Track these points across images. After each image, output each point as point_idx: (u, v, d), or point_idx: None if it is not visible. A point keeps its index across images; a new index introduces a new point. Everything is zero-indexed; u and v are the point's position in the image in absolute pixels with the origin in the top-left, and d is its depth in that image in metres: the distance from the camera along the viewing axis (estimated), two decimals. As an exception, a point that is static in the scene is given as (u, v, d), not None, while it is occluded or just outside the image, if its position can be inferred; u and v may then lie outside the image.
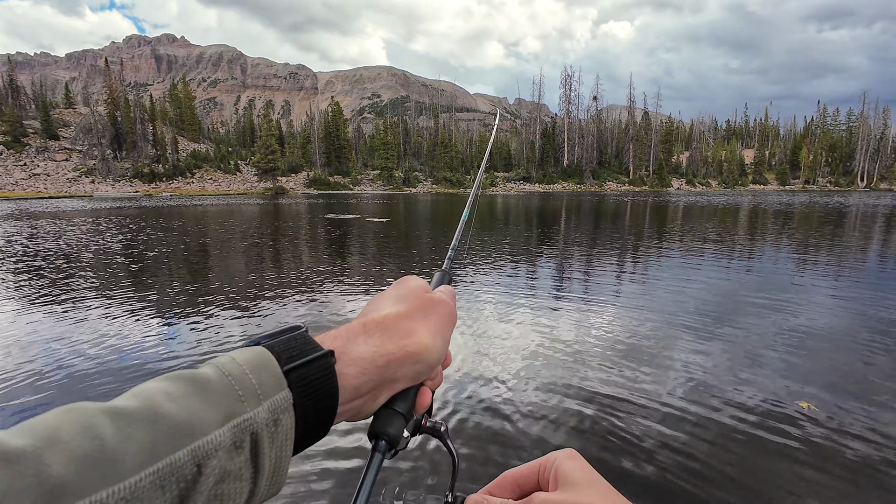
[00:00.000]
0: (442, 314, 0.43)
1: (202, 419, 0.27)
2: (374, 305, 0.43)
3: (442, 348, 0.42)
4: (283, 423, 0.30)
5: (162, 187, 65.30)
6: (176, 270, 8.05)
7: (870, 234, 13.37)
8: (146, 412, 0.25)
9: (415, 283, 0.46)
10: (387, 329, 0.38)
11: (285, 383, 0.31)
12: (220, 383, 0.29)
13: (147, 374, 3.57)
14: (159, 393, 0.27)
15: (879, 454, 2.48)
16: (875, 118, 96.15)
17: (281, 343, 0.34)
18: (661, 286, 6.50)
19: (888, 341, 4.22)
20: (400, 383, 0.39)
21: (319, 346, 0.35)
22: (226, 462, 0.27)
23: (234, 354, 0.32)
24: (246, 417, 0.28)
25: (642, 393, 3.20)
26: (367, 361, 0.36)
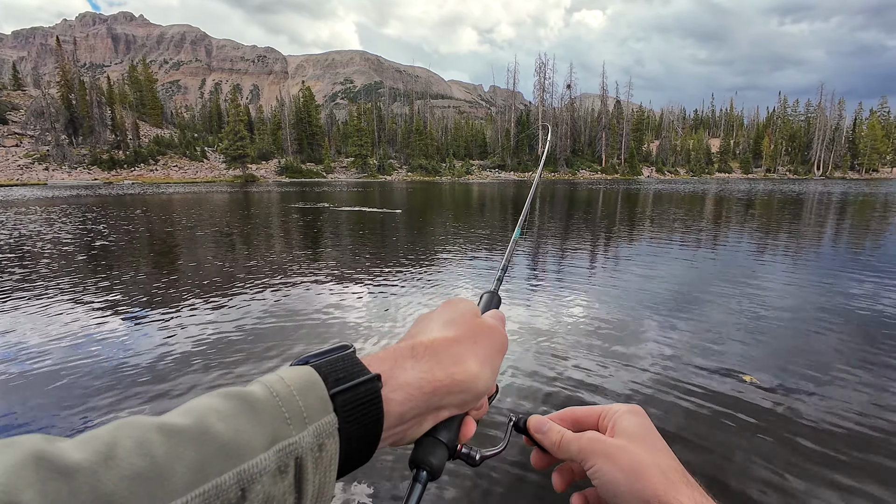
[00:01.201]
0: (493, 343, 0.42)
1: (249, 441, 0.27)
2: (422, 326, 0.42)
3: (490, 378, 0.41)
4: (327, 449, 0.30)
5: (123, 175, 62.31)
6: (139, 262, 7.76)
7: (822, 222, 14.13)
8: (197, 430, 0.26)
9: (465, 306, 0.45)
10: (436, 354, 0.38)
11: (331, 407, 0.31)
12: (267, 404, 0.29)
13: (107, 374, 3.46)
14: (210, 410, 0.27)
15: (811, 419, 2.70)
16: (831, 109, 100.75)
17: (328, 364, 0.34)
18: (630, 271, 6.71)
19: (833, 320, 4.50)
20: (445, 412, 0.39)
21: (366, 369, 0.34)
22: (270, 487, 0.27)
23: (283, 373, 0.32)
24: (291, 442, 0.29)
25: (610, 373, 3.32)
26: (413, 388, 0.36)
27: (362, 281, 6.08)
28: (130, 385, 3.21)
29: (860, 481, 2.22)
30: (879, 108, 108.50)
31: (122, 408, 2.91)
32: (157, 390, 3.14)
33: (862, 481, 2.22)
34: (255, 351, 3.78)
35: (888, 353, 3.71)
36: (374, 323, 4.42)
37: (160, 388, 3.17)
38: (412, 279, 6.19)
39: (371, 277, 6.28)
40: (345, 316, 4.65)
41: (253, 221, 13.83)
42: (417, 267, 6.94)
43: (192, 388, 3.15)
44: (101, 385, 3.21)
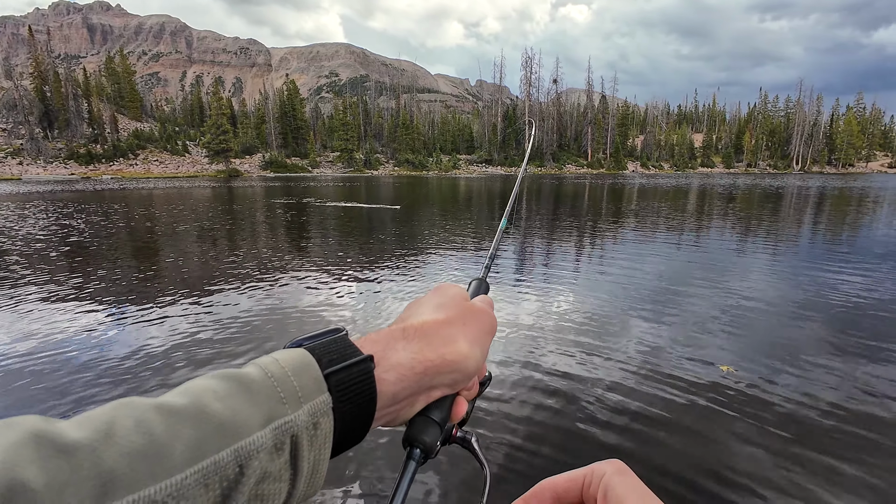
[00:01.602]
0: (482, 324, 0.43)
1: (246, 419, 0.27)
2: (413, 310, 0.43)
3: (480, 358, 0.41)
4: (322, 427, 0.31)
5: (101, 169, 60.65)
6: (117, 259, 7.60)
7: (801, 216, 14.48)
8: (194, 410, 0.26)
9: (454, 290, 0.46)
10: (426, 336, 0.39)
11: (325, 387, 0.32)
12: (263, 384, 0.30)
13: (80, 372, 3.40)
14: (207, 391, 0.28)
15: (784, 405, 2.80)
16: (809, 105, 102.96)
17: (322, 346, 0.34)
18: (615, 264, 6.80)
19: (809, 310, 4.64)
20: (437, 391, 0.40)
21: (359, 350, 0.35)
22: (266, 463, 0.27)
23: (277, 356, 0.32)
24: (287, 420, 0.29)
25: (596, 365, 3.38)
26: (405, 368, 0.36)
27: (366, 275, 6.05)
28: (108, 384, 3.16)
29: (832, 462, 2.31)
30: (855, 104, 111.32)
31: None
32: (140, 389, 3.09)
33: (834, 462, 2.31)
34: (242, 349, 3.74)
35: (860, 341, 3.84)
36: (382, 315, 4.41)
37: (143, 386, 3.13)
38: (414, 272, 6.18)
39: (376, 271, 6.25)
40: (352, 314, 4.62)
41: (242, 217, 13.62)
42: (419, 260, 6.93)
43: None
44: (75, 384, 3.15)
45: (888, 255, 7.57)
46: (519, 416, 2.71)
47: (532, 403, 2.85)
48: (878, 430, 2.59)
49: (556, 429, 2.60)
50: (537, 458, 2.36)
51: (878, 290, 5.41)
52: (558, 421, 2.67)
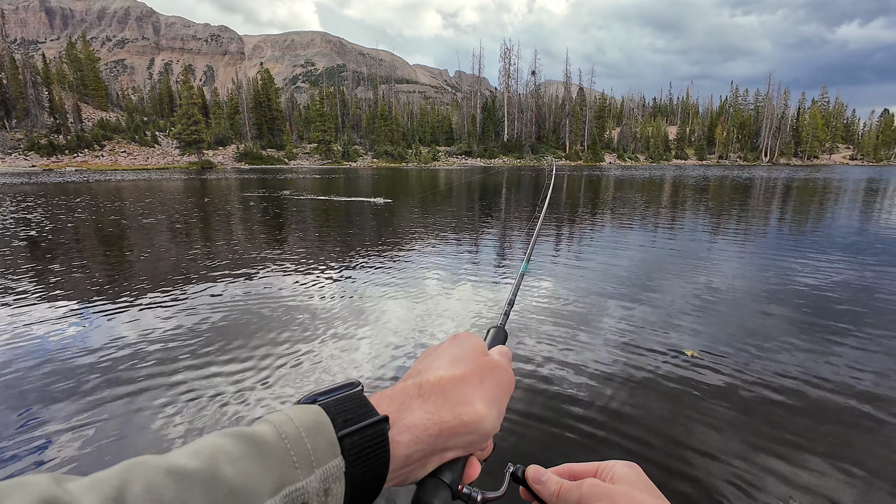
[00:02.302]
0: (500, 382, 0.42)
1: (256, 486, 0.27)
2: (428, 362, 0.42)
3: (497, 419, 0.41)
4: (333, 493, 0.30)
5: (65, 161, 57.99)
6: (80, 254, 7.30)
7: (768, 206, 15.00)
8: (205, 475, 0.26)
9: (472, 341, 0.45)
10: (443, 394, 0.38)
11: (339, 450, 0.31)
12: (276, 446, 0.29)
13: (45, 371, 3.26)
14: (219, 453, 0.27)
15: (741, 385, 2.92)
16: (778, 99, 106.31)
17: (336, 403, 0.34)
18: (592, 253, 6.91)
19: (772, 298, 4.82)
20: (450, 453, 0.39)
21: (374, 410, 0.34)
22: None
23: (291, 413, 0.32)
24: (298, 487, 0.29)
25: (573, 352, 3.43)
26: (420, 429, 0.35)
27: (374, 272, 5.96)
28: (76, 386, 3.04)
29: (788, 443, 2.41)
30: (820, 98, 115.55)
31: (67, 410, 2.75)
32: (109, 392, 2.98)
33: (788, 444, 2.41)
34: (228, 347, 3.65)
35: (820, 325, 4.01)
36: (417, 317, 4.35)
37: (112, 389, 3.02)
38: (422, 269, 6.13)
39: (381, 267, 6.17)
40: (370, 317, 4.55)
41: (224, 211, 13.24)
42: (428, 255, 6.87)
43: (145, 391, 3.02)
44: (36, 384, 3.02)
45: (847, 243, 7.92)
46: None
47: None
48: (829, 409, 2.71)
49: (533, 415, 2.63)
50: (514, 438, 2.39)
51: (837, 276, 5.66)
52: (536, 409, 2.70)
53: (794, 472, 2.19)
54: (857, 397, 2.86)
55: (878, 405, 2.77)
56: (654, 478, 2.33)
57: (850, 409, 2.73)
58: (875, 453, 2.34)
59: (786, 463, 2.25)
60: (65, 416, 2.65)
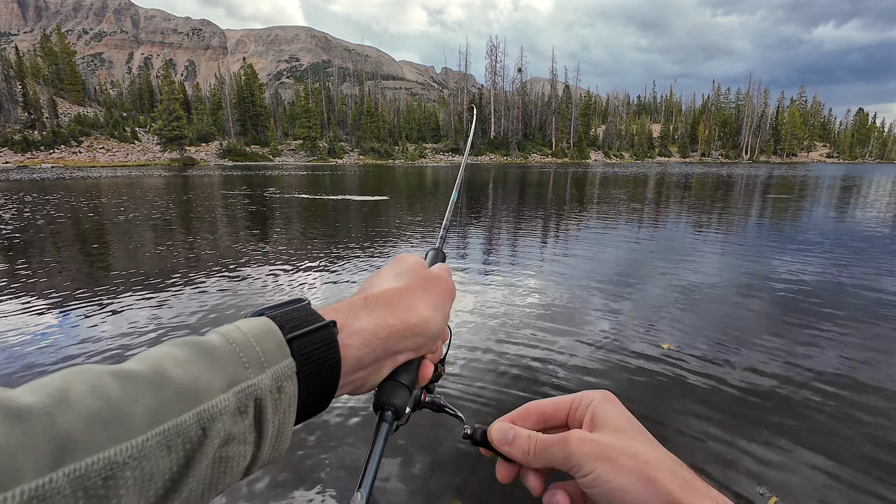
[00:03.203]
0: (441, 289, 0.44)
1: (207, 384, 0.27)
2: (373, 282, 0.43)
3: (442, 321, 0.42)
4: (286, 391, 0.31)
5: (41, 158, 56.31)
6: (54, 253, 7.13)
7: (749, 203, 15.34)
8: (153, 375, 0.26)
9: (412, 259, 0.47)
10: (388, 303, 0.39)
11: (288, 351, 0.32)
12: (224, 350, 0.30)
13: (24, 370, 3.19)
14: (166, 357, 0.27)
15: (715, 379, 3.01)
16: (758, 98, 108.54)
17: (284, 314, 0.34)
18: (576, 251, 6.99)
19: (749, 293, 4.96)
20: (402, 356, 0.40)
21: (321, 317, 0.35)
22: (230, 426, 0.27)
23: (239, 324, 0.32)
24: (250, 384, 0.29)
25: (559, 347, 3.48)
26: (369, 333, 0.36)
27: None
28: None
29: (760, 433, 2.49)
30: (798, 97, 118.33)
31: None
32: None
33: (760, 434, 2.49)
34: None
35: (795, 320, 4.13)
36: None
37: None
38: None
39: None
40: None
41: (212, 210, 13.00)
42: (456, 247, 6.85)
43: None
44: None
45: (822, 239, 8.16)
46: (481, 395, 2.77)
47: (490, 383, 2.91)
48: (799, 398, 2.81)
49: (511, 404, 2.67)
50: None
51: (814, 271, 5.83)
52: (516, 399, 2.75)
53: (764, 461, 2.26)
54: (829, 386, 2.96)
55: (850, 394, 2.87)
56: None
57: (822, 397, 2.83)
58: (845, 440, 2.43)
59: (756, 451, 2.33)
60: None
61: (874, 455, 2.30)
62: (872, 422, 2.58)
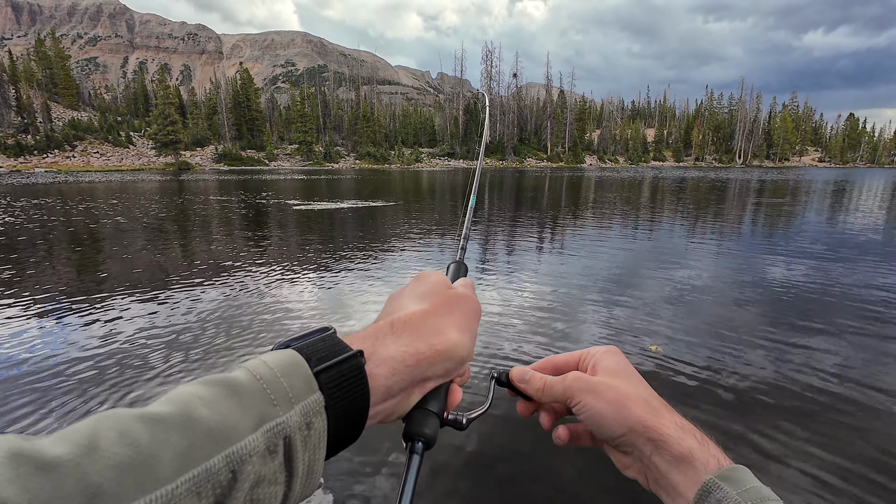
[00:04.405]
0: (467, 310, 0.43)
1: (236, 424, 0.27)
2: (396, 304, 0.43)
3: (470, 344, 0.42)
4: (315, 426, 0.30)
5: (34, 162, 55.97)
6: (49, 258, 7.07)
7: (743, 206, 15.47)
8: (181, 418, 0.25)
9: (435, 277, 0.46)
10: (415, 328, 0.38)
11: (316, 385, 0.31)
12: (252, 387, 0.29)
13: (26, 380, 3.16)
14: (193, 398, 0.27)
15: (696, 378, 3.03)
16: (750, 103, 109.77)
17: (310, 345, 0.34)
18: (574, 252, 7.02)
19: (738, 296, 4.99)
20: (431, 382, 0.39)
21: (348, 346, 0.34)
22: (260, 467, 0.27)
23: (266, 358, 0.32)
24: (279, 422, 0.29)
25: (556, 349, 3.49)
26: (397, 361, 0.36)
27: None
28: (53, 394, 2.95)
29: (743, 433, 2.50)
30: (790, 102, 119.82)
31: (48, 419, 2.68)
32: (94, 396, 2.91)
33: (744, 433, 2.50)
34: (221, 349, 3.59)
35: (785, 322, 4.17)
36: (325, 311, 4.31)
37: (91, 394, 2.94)
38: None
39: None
40: (293, 306, 4.49)
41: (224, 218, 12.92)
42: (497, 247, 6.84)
43: (125, 396, 2.95)
44: (21, 393, 2.93)
45: (816, 242, 8.24)
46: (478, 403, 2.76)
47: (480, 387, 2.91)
48: (783, 398, 2.83)
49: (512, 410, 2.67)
50: (530, 428, 2.42)
51: (807, 274, 5.88)
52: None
53: (751, 460, 2.28)
54: (821, 386, 2.98)
55: (842, 395, 2.90)
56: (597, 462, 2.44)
57: (813, 399, 2.85)
58: (836, 440, 2.45)
59: (741, 452, 2.34)
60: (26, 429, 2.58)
61: (865, 456, 2.32)
62: (866, 423, 2.60)
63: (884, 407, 2.76)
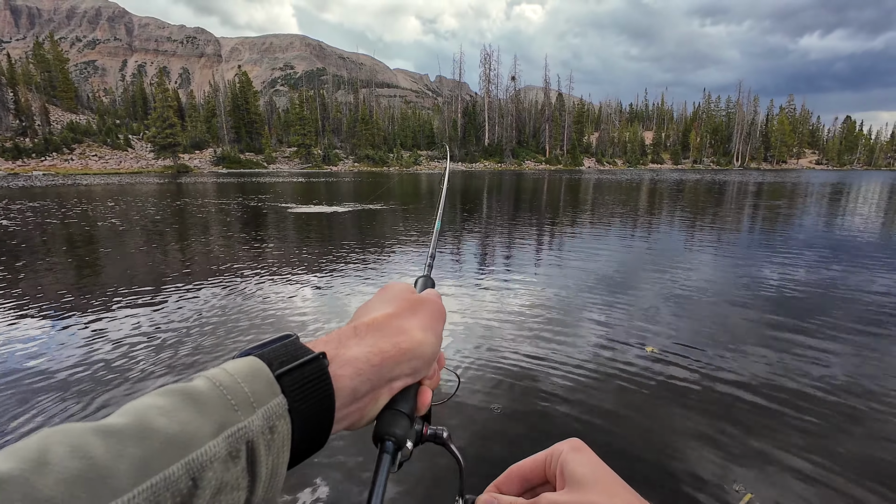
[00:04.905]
0: (431, 311, 0.43)
1: (195, 431, 0.26)
2: (362, 311, 0.42)
3: (435, 343, 0.42)
4: (279, 430, 0.30)
5: (32, 165, 55.85)
6: (47, 260, 7.05)
7: (740, 208, 15.51)
8: (136, 428, 0.24)
9: (400, 286, 0.46)
10: (378, 329, 0.38)
11: (279, 389, 0.31)
12: (211, 394, 0.28)
13: (22, 383, 3.14)
14: (150, 408, 0.26)
15: (695, 382, 3.02)
16: (748, 106, 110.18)
17: (271, 351, 0.33)
18: (572, 255, 7.02)
19: (735, 298, 4.99)
20: (398, 382, 0.39)
21: (310, 349, 0.34)
22: (222, 473, 0.26)
23: (226, 366, 0.31)
24: (240, 426, 0.28)
25: (556, 352, 3.49)
26: (361, 362, 0.36)
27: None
28: (52, 399, 2.93)
29: (739, 434, 2.49)
30: (787, 105, 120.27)
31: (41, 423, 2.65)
32: (81, 406, 2.89)
33: (740, 435, 2.49)
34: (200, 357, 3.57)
35: (781, 324, 4.16)
36: (323, 313, 4.31)
37: (83, 402, 2.92)
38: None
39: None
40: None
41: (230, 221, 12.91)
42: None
43: (117, 401, 2.93)
44: (13, 396, 2.90)
45: (812, 244, 8.25)
46: (479, 403, 2.75)
47: (490, 390, 2.90)
48: (781, 401, 2.82)
49: (517, 412, 2.66)
50: (500, 441, 2.41)
51: (803, 277, 5.89)
52: (517, 405, 2.73)
53: (746, 461, 2.27)
54: (816, 389, 2.98)
55: (838, 397, 2.89)
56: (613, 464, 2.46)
57: (808, 401, 2.85)
58: (829, 442, 2.44)
59: (733, 451, 2.33)
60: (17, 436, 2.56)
61: (863, 457, 2.31)
62: (862, 424, 2.60)
63: (882, 408, 2.75)
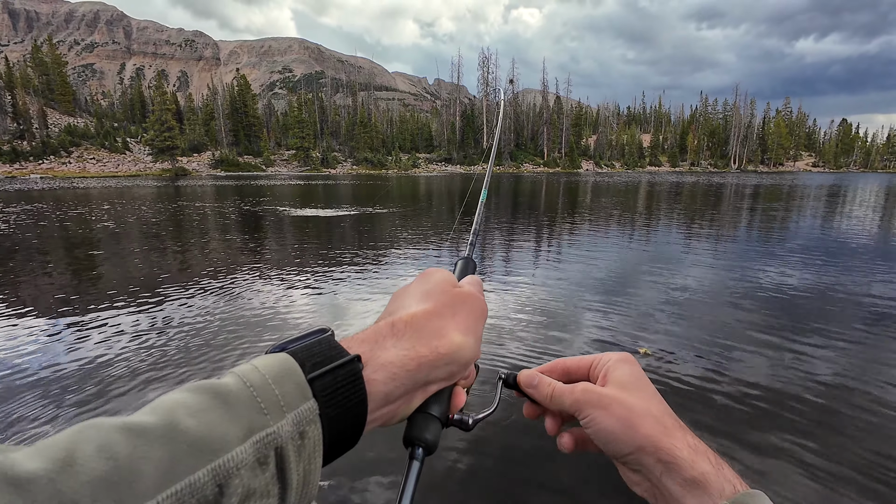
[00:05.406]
0: (473, 310, 0.42)
1: (223, 435, 0.25)
2: (399, 302, 0.41)
3: (475, 346, 0.40)
4: (309, 436, 0.29)
5: (29, 168, 55.67)
6: (47, 263, 7.03)
7: (738, 211, 15.56)
8: (164, 429, 0.24)
9: (440, 275, 0.44)
10: (417, 330, 0.37)
11: (310, 393, 0.30)
12: (241, 395, 0.28)
13: (24, 387, 3.14)
14: (178, 406, 0.26)
15: (690, 383, 3.03)
16: (745, 108, 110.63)
17: (305, 349, 0.32)
18: (571, 257, 7.03)
19: (732, 301, 5.00)
20: (433, 385, 0.38)
21: (345, 351, 0.33)
22: (249, 480, 0.25)
23: (257, 362, 0.30)
24: (269, 431, 0.27)
25: (549, 351, 3.49)
26: (396, 366, 0.35)
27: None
28: (54, 401, 2.92)
29: (733, 434, 2.50)
30: (784, 107, 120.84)
31: (44, 427, 2.65)
32: (89, 406, 2.88)
33: (734, 434, 2.50)
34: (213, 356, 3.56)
35: (778, 326, 4.18)
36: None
37: (93, 404, 2.91)
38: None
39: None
40: (291, 310, 4.48)
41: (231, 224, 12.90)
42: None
43: (123, 405, 2.92)
44: (17, 399, 2.89)
45: (810, 246, 8.28)
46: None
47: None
48: (782, 403, 2.83)
49: (506, 417, 2.66)
50: (535, 431, 2.40)
51: (800, 278, 5.91)
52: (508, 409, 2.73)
53: (745, 461, 2.27)
54: (815, 390, 2.98)
55: (836, 398, 2.90)
56: (599, 468, 2.43)
57: (807, 401, 2.86)
58: (828, 442, 2.45)
59: (729, 451, 2.34)
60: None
61: (862, 459, 2.32)
62: (859, 425, 2.60)
63: (880, 410, 2.76)
